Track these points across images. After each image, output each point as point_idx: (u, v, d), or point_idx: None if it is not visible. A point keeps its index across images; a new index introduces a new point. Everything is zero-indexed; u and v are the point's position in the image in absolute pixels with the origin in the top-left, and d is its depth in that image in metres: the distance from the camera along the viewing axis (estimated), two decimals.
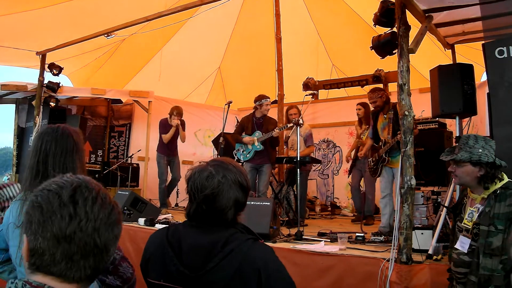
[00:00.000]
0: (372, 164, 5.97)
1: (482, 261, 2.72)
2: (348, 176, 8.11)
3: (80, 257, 1.07)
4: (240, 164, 7.08)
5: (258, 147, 6.82)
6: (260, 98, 6.89)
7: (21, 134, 9.75)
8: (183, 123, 8.59)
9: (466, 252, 2.90)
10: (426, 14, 4.60)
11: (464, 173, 2.92)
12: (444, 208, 4.40)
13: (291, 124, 6.47)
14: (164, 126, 8.55)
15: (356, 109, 7.59)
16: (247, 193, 1.87)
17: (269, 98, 7.00)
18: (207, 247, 1.73)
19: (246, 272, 1.67)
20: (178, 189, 9.15)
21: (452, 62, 5.96)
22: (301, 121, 6.25)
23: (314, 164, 8.67)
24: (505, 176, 2.87)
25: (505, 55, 3.98)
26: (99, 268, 1.13)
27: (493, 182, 2.85)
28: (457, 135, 4.63)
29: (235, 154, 7.06)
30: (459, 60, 6.17)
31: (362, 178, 7.42)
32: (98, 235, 1.09)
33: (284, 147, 8.18)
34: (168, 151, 8.57)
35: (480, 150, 2.86)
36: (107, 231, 1.11)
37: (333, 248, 4.28)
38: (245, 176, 1.87)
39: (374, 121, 6.06)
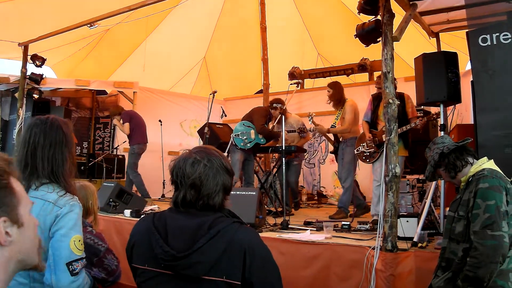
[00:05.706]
0: (367, 148, 5.78)
1: (449, 245, 2.81)
2: None
3: None
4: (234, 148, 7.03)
5: (262, 140, 6.81)
6: (283, 102, 6.97)
7: (4, 127, 9.61)
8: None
9: None
10: (411, 2, 4.58)
11: (443, 177, 3.09)
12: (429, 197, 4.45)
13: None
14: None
15: (327, 92, 6.89)
16: (232, 177, 1.91)
17: None
18: (193, 228, 1.75)
19: (232, 253, 1.70)
20: (164, 180, 9.11)
21: (436, 51, 5.98)
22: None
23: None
24: (482, 163, 2.83)
25: (489, 43, 4.02)
26: None
27: (453, 170, 2.92)
28: (442, 123, 4.65)
29: (233, 138, 6.82)
30: (444, 48, 6.18)
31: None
32: None
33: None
34: None
35: (429, 156, 3.04)
36: None
37: (319, 237, 4.29)
38: (228, 161, 1.93)
39: (374, 106, 5.83)
